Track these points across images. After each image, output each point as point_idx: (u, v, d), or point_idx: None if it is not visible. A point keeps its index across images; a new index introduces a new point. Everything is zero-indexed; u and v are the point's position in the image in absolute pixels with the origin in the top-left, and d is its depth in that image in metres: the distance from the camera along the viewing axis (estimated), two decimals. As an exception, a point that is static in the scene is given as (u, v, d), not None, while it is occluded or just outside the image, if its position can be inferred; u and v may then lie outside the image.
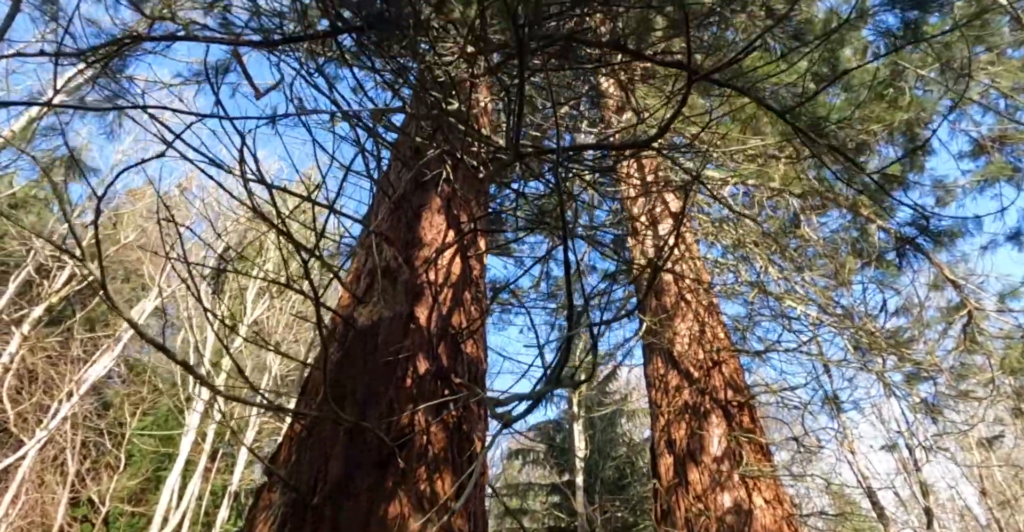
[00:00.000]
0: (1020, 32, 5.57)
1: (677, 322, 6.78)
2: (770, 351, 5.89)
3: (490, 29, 3.00)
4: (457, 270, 3.39)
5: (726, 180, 6.56)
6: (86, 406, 15.61)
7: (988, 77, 6.34)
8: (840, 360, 5.29)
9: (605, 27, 3.72)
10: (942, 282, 5.66)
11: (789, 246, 5.94)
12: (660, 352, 6.70)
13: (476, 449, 2.84)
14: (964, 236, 5.98)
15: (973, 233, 6.00)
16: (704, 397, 6.10)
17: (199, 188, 16.03)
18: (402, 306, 2.93)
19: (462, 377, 2.94)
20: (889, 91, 6.27)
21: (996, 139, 5.97)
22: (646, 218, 7.92)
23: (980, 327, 5.45)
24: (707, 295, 7.02)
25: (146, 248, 15.43)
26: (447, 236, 3.53)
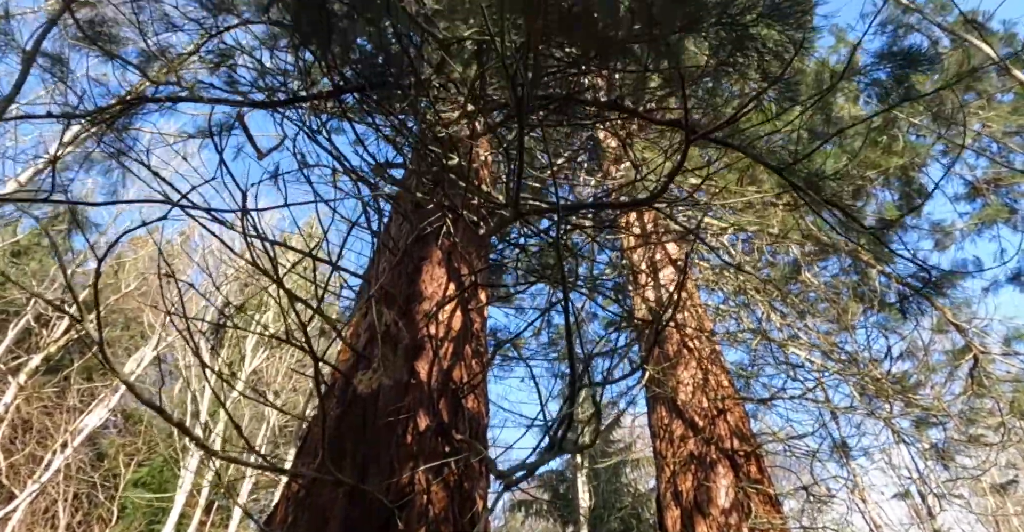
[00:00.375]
0: (1008, 79, 5.70)
1: (680, 370, 6.70)
2: (775, 399, 5.80)
3: (490, 87, 3.07)
4: (458, 324, 3.37)
5: (725, 228, 6.60)
6: (80, 457, 15.30)
7: (979, 121, 6.47)
8: (847, 407, 5.20)
9: (603, 83, 3.82)
10: (946, 325, 5.62)
11: (791, 292, 5.93)
12: (663, 401, 6.61)
13: (478, 508, 2.76)
14: (965, 278, 5.97)
15: (974, 275, 5.99)
16: (710, 447, 5.98)
17: (201, 237, 16.14)
18: (401, 373, 2.90)
19: (463, 433, 2.89)
20: (883, 138, 6.38)
21: (991, 181, 6.04)
22: (647, 266, 7.93)
23: (986, 371, 5.38)
24: (709, 343, 6.97)
25: (146, 299, 15.42)
26: (448, 289, 3.53)
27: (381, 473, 2.55)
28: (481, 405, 3.17)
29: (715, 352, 6.94)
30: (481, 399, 3.21)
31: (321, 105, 3.24)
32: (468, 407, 3.04)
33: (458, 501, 2.63)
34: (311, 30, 2.55)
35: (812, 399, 5.57)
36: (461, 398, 3.02)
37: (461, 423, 2.93)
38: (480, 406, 3.15)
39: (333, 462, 2.52)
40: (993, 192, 5.98)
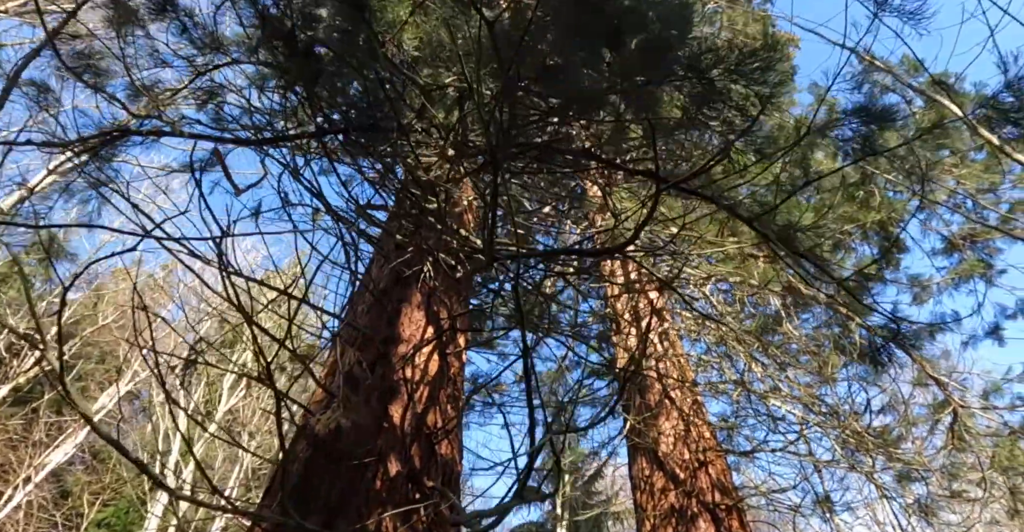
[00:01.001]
0: (979, 138, 5.88)
1: (661, 421, 6.63)
2: (757, 451, 5.73)
3: (471, 132, 3.13)
4: (434, 368, 3.34)
5: (706, 278, 6.65)
6: (43, 493, 14.71)
7: (954, 178, 6.64)
8: (829, 460, 5.14)
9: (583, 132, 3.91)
10: (926, 379, 5.63)
11: (771, 343, 5.94)
12: (645, 452, 6.51)
13: (445, 560, 2.68)
14: (944, 332, 6.02)
15: (952, 329, 6.04)
16: (691, 500, 5.86)
17: (183, 271, 15.99)
18: (369, 415, 2.85)
19: (435, 479, 2.83)
20: (860, 193, 6.53)
21: (967, 237, 6.16)
22: (629, 315, 7.93)
23: (967, 425, 5.36)
24: (691, 394, 6.92)
25: (124, 332, 15.16)
26: (426, 332, 3.50)
27: (348, 518, 2.48)
28: (455, 451, 3.11)
29: (697, 403, 6.88)
30: (455, 445, 3.15)
31: (306, 145, 3.28)
32: (441, 453, 2.98)
33: None
34: (298, 73, 2.60)
35: (794, 452, 5.51)
36: (434, 443, 2.96)
37: (433, 469, 2.87)
38: (453, 452, 3.09)
39: (300, 505, 2.46)
40: (969, 247, 6.10)
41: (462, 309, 4.05)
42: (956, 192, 5.95)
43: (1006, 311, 6.11)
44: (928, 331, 5.94)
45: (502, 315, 5.22)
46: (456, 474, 3.10)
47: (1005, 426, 5.31)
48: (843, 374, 6.11)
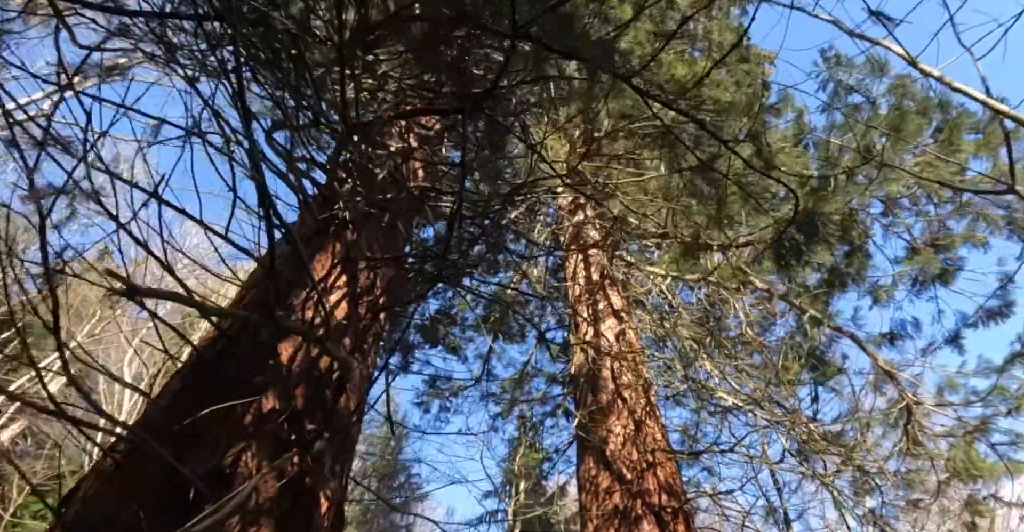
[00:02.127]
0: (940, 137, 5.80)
1: (612, 420, 6.38)
2: (708, 452, 5.47)
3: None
4: (341, 315, 3.09)
5: (663, 276, 6.48)
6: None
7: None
8: (778, 462, 4.90)
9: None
10: (880, 376, 5.43)
11: (725, 340, 5.74)
12: (592, 451, 6.23)
13: (321, 510, 2.40)
14: (902, 340, 5.86)
15: (912, 336, 5.89)
16: (636, 501, 5.58)
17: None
18: (243, 347, 2.61)
19: (321, 426, 2.55)
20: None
21: (929, 243, 6.05)
22: (588, 316, 7.72)
23: (921, 425, 5.16)
24: (645, 394, 6.68)
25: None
26: (337, 280, 3.26)
27: (205, 452, 2.21)
28: (352, 403, 2.84)
29: (650, 404, 6.65)
30: (354, 397, 2.88)
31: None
32: (330, 398, 2.71)
33: (292, 496, 2.27)
34: None
35: (745, 454, 5.26)
36: (326, 388, 2.70)
37: (318, 414, 2.60)
38: (350, 403, 2.82)
39: (159, 436, 2.18)
40: (932, 251, 5.99)
41: (391, 270, 3.82)
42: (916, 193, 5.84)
43: (966, 318, 5.98)
44: (888, 337, 5.78)
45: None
46: (352, 428, 2.83)
47: (960, 422, 5.09)
48: (804, 379, 5.91)
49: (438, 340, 10.81)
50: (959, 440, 5.02)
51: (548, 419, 9.19)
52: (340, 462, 2.59)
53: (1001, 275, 5.63)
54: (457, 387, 9.66)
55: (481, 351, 10.59)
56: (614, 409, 6.49)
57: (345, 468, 2.63)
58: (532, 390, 9.98)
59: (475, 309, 10.74)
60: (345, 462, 2.65)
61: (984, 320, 5.86)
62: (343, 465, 2.63)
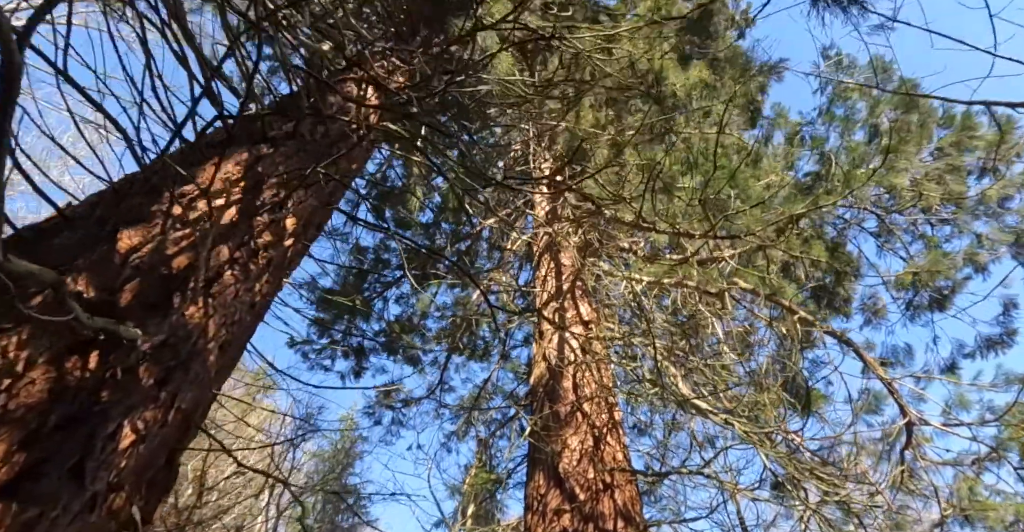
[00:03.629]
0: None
1: (568, 434, 5.67)
2: (674, 474, 4.78)
3: None
4: (224, 221, 2.45)
5: (638, 281, 5.89)
6: None
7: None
8: (748, 487, 4.23)
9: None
10: (875, 401, 4.82)
11: (701, 346, 5.13)
12: (543, 467, 5.51)
13: (118, 445, 1.73)
14: (895, 367, 5.29)
15: (904, 364, 5.32)
16: (588, 525, 4.85)
17: None
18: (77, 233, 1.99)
19: (151, 335, 1.90)
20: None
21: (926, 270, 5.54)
22: (552, 326, 7.08)
23: (920, 453, 4.52)
24: (609, 409, 6.01)
25: None
26: (232, 187, 2.64)
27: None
28: (213, 323, 2.18)
29: (614, 420, 5.96)
30: (218, 317, 2.22)
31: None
32: (185, 313, 2.06)
33: (70, 412, 1.61)
34: None
35: (712, 476, 4.59)
36: (171, 292, 2.05)
37: (155, 321, 1.94)
38: (209, 323, 2.16)
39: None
40: (929, 278, 5.48)
41: (317, 199, 3.21)
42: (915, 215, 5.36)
43: (963, 349, 5.42)
44: (879, 363, 5.21)
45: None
46: (200, 353, 2.16)
47: (974, 442, 4.41)
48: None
49: (396, 349, 10.07)
50: (966, 470, 4.37)
51: (503, 439, 8.40)
52: (174, 390, 1.93)
53: (1004, 298, 5.14)
54: (411, 399, 8.89)
55: (435, 359, 9.84)
56: (572, 422, 5.79)
57: (181, 402, 1.96)
58: (492, 411, 9.21)
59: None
60: (184, 395, 1.98)
61: (984, 350, 5.32)
62: (180, 397, 1.96)
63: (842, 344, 4.48)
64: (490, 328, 9.97)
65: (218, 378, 2.25)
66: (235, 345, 2.33)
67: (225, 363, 2.29)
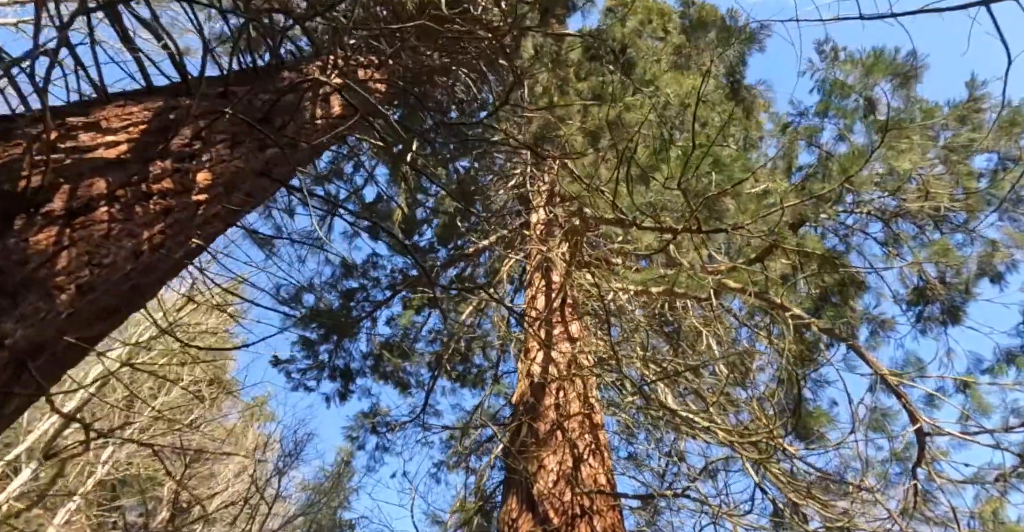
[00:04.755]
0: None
1: (546, 454, 5.24)
2: (659, 497, 4.32)
3: None
4: (112, 157, 2.20)
5: (625, 290, 5.56)
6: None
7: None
8: (736, 510, 3.76)
9: None
10: (883, 418, 4.34)
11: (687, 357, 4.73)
12: (517, 489, 5.05)
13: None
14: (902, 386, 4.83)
15: (914, 381, 4.86)
16: (559, 554, 4.37)
17: None
18: None
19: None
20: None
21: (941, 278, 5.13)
22: (537, 343, 6.70)
23: (936, 471, 4.01)
24: (592, 429, 5.57)
25: None
26: (135, 127, 2.39)
27: None
28: (64, 254, 1.90)
29: (598, 441, 5.51)
30: (72, 250, 1.93)
31: None
32: (28, 236, 1.78)
33: None
34: None
35: (703, 500, 4.13)
36: (14, 212, 1.78)
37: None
38: (58, 252, 1.88)
39: None
40: (943, 287, 5.07)
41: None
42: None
43: (980, 364, 4.92)
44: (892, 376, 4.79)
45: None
46: (30, 270, 1.86)
47: (997, 449, 3.86)
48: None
49: (386, 374, 9.69)
50: (989, 488, 3.83)
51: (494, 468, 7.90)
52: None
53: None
54: (395, 422, 8.46)
55: (444, 398, 9.44)
56: (551, 441, 5.36)
57: (5, 335, 1.65)
58: (482, 438, 8.72)
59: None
60: (11, 328, 1.68)
61: (1004, 363, 4.82)
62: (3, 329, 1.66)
63: (837, 342, 4.07)
64: (482, 352, 9.60)
65: (76, 324, 1.94)
66: (105, 291, 2.03)
67: (88, 310, 1.99)
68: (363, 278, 8.82)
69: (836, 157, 3.99)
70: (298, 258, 7.04)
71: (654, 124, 3.99)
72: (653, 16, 7.89)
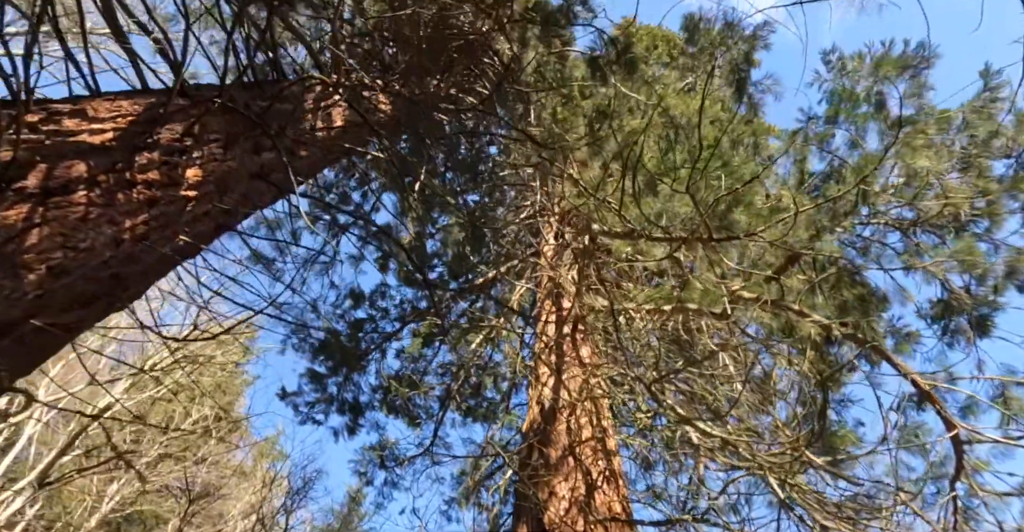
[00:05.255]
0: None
1: (558, 481, 5.00)
2: (677, 523, 4.07)
3: None
4: (97, 143, 2.16)
5: (640, 308, 5.42)
6: None
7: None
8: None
9: None
10: (915, 434, 4.06)
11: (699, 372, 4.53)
12: (527, 517, 4.81)
13: None
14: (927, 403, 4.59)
15: (945, 399, 4.62)
16: (571, 584, 4.11)
17: None
18: None
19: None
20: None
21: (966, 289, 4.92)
22: (548, 370, 6.52)
23: (977, 484, 3.71)
24: (606, 455, 5.33)
25: None
26: (124, 118, 2.35)
27: None
28: (35, 232, 1.83)
29: (612, 468, 5.26)
30: (44, 229, 1.87)
31: None
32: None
33: None
34: None
35: (722, 524, 3.88)
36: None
37: None
38: (28, 229, 1.81)
39: None
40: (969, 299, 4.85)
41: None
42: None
43: (1015, 375, 4.62)
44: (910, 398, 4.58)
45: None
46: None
47: None
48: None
49: (396, 408, 9.47)
50: None
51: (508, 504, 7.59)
52: None
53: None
54: (404, 457, 8.22)
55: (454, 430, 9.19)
56: (563, 467, 5.13)
57: None
58: (494, 469, 8.42)
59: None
60: None
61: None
62: None
63: (862, 352, 3.87)
64: (494, 383, 9.38)
65: (48, 307, 1.85)
66: (82, 277, 1.95)
67: (63, 294, 1.90)
68: (371, 308, 8.72)
69: (850, 162, 3.87)
70: (302, 279, 6.96)
71: (659, 126, 3.92)
72: (659, 42, 7.93)
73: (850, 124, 4.23)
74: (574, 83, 5.38)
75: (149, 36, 2.93)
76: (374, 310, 8.83)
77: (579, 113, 4.42)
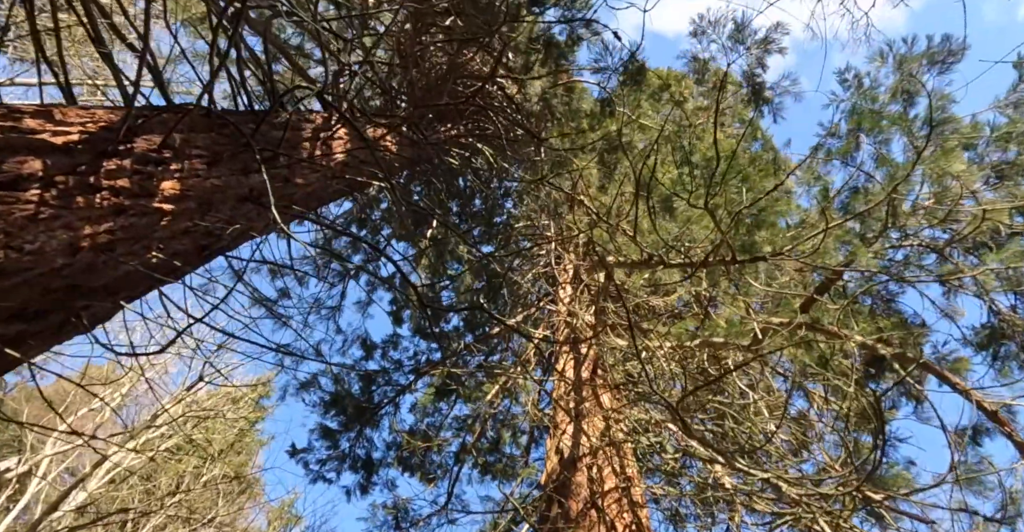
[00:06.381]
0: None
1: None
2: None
3: None
4: (59, 142, 2.02)
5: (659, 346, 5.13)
6: None
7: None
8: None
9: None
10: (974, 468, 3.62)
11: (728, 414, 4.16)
12: (549, 576, 4.36)
13: None
14: (989, 435, 4.18)
15: (992, 433, 4.21)
16: None
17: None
18: None
19: None
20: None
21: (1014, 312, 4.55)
22: (567, 416, 6.15)
23: None
24: (632, 507, 4.90)
25: None
26: (94, 124, 2.23)
27: None
28: None
29: (639, 521, 4.82)
30: None
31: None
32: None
33: None
34: None
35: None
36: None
37: None
38: None
39: None
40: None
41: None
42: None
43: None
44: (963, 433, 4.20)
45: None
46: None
47: None
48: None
49: (410, 465, 9.03)
50: None
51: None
52: None
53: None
54: (419, 517, 7.74)
55: (471, 487, 8.72)
56: (585, 521, 4.71)
57: None
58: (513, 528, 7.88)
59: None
60: None
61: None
62: None
63: (906, 364, 3.50)
64: (512, 438, 8.93)
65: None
66: (25, 282, 1.76)
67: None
68: (383, 360, 8.45)
69: (877, 177, 3.63)
70: (305, 323, 6.75)
71: (673, 137, 3.74)
72: (671, 80, 7.91)
73: (874, 136, 4.00)
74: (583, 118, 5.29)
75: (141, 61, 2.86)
76: (386, 362, 8.56)
77: (588, 136, 4.28)
